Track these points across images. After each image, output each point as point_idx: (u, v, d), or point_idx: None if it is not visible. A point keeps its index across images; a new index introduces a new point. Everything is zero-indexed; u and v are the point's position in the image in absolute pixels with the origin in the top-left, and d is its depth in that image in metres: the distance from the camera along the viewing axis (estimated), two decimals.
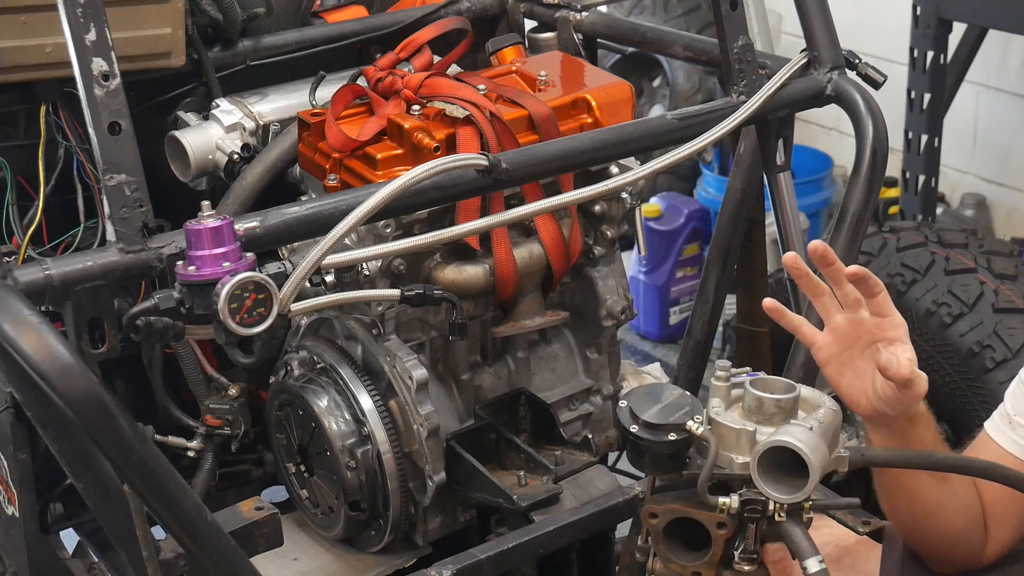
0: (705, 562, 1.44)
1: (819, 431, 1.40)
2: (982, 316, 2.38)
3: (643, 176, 1.91)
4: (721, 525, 1.42)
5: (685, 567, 1.45)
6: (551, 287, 2.20)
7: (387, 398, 2.02)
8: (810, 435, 1.38)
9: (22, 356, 1.42)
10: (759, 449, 1.38)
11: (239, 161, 2.11)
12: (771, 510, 1.40)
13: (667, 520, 1.45)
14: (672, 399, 1.47)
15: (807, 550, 1.38)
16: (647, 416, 1.44)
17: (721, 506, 1.40)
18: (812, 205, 4.39)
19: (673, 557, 1.46)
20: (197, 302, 1.54)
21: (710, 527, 1.42)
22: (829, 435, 1.42)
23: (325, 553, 2.17)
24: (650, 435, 1.43)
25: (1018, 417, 1.75)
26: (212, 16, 2.19)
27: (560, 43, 2.47)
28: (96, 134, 1.56)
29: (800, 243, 2.23)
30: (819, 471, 1.37)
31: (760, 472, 1.38)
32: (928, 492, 1.68)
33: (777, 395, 1.43)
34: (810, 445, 1.37)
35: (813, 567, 1.37)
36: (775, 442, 1.37)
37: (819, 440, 1.39)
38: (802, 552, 1.38)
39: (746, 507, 1.40)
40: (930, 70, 3.66)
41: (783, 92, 2.05)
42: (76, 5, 1.54)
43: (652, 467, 1.46)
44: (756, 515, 1.40)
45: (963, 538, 1.75)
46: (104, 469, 1.57)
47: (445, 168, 1.71)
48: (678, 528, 1.45)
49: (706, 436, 1.42)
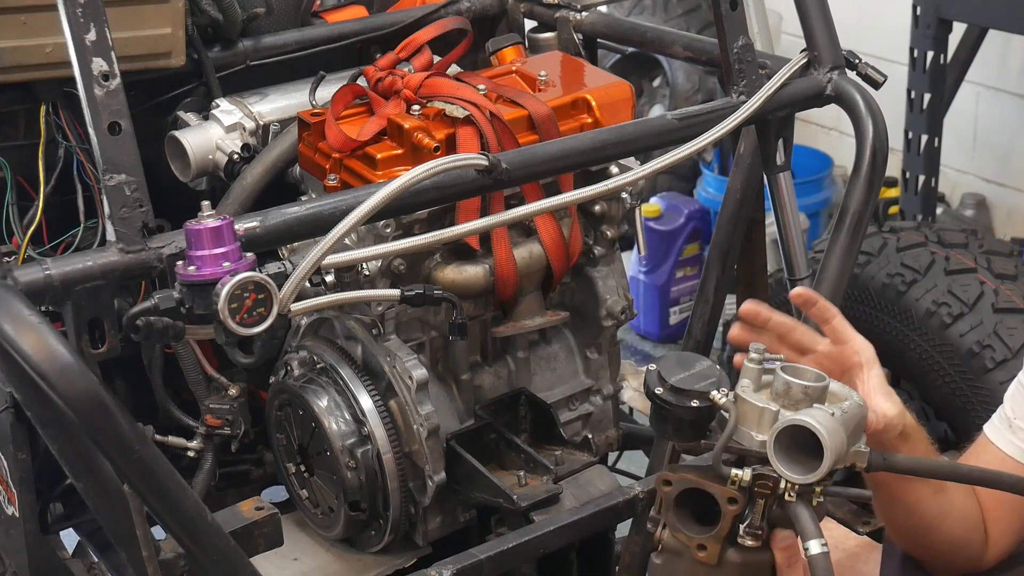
0: (712, 535, 1.45)
1: (840, 419, 1.41)
2: (982, 316, 2.38)
3: (643, 176, 1.91)
4: (732, 500, 1.43)
5: (692, 538, 1.46)
6: (551, 287, 2.20)
7: (387, 398, 2.02)
8: (830, 420, 1.39)
9: (22, 356, 1.42)
10: (778, 426, 1.39)
11: (239, 161, 2.11)
12: (782, 489, 1.40)
13: (680, 489, 1.46)
14: (701, 369, 1.49)
15: (811, 531, 1.39)
16: (673, 380, 1.46)
17: (733, 478, 1.41)
18: (812, 205, 4.39)
19: (681, 527, 1.47)
20: (197, 302, 1.54)
21: (721, 501, 1.43)
22: (851, 427, 1.43)
23: (325, 553, 2.17)
24: (674, 399, 1.45)
25: (1018, 420, 1.75)
26: (212, 16, 2.19)
27: (560, 43, 2.47)
28: (96, 134, 1.55)
29: (800, 243, 2.23)
30: (833, 455, 1.37)
31: (776, 451, 1.39)
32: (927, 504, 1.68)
33: (806, 382, 1.44)
34: (828, 428, 1.37)
35: (815, 549, 1.38)
36: (794, 420, 1.38)
37: (839, 427, 1.39)
38: (806, 533, 1.39)
39: (757, 481, 1.41)
40: (930, 70, 3.65)
41: (783, 92, 2.05)
42: (76, 5, 1.54)
43: (673, 433, 1.48)
44: (766, 491, 1.41)
45: (963, 545, 1.74)
46: (104, 469, 1.57)
47: (445, 168, 1.71)
48: (690, 500, 1.47)
49: (727, 407, 1.43)
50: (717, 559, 1.45)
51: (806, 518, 1.40)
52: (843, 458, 1.42)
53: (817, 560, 1.37)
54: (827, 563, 1.37)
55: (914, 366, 2.49)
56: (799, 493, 1.40)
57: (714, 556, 1.45)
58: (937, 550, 1.74)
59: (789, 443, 1.40)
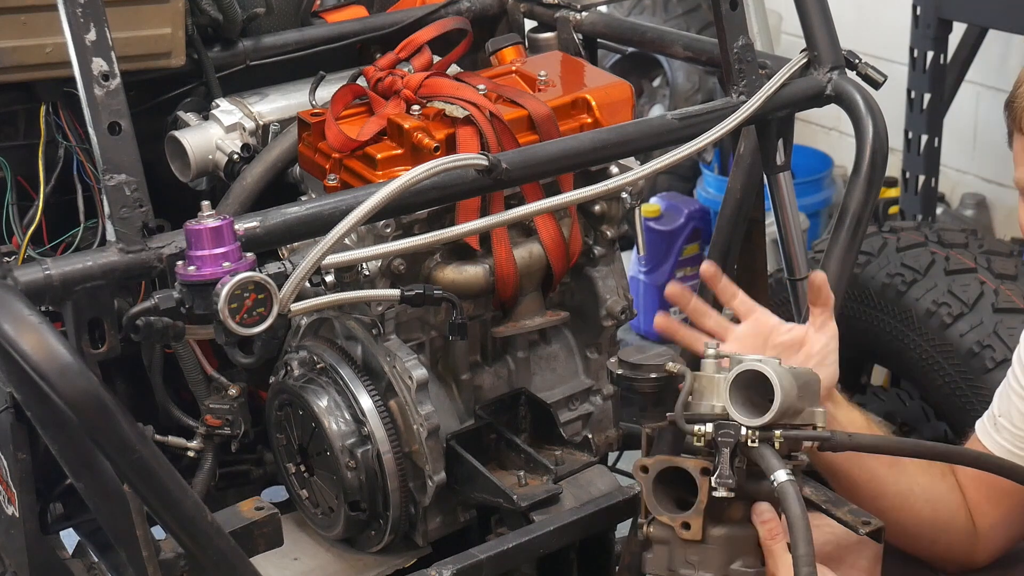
0: (693, 511, 1.52)
1: (790, 372, 1.52)
2: (982, 316, 2.38)
3: (643, 176, 1.91)
4: (705, 471, 1.51)
5: (674, 518, 1.54)
6: (551, 287, 2.20)
7: (387, 398, 2.02)
8: (780, 367, 1.51)
9: (22, 356, 1.42)
10: (732, 372, 1.51)
11: (239, 161, 2.11)
12: (744, 436, 1.49)
13: (657, 471, 1.55)
14: (657, 352, 1.67)
15: (776, 465, 1.47)
16: (631, 360, 1.65)
17: (697, 433, 1.51)
18: (812, 205, 4.39)
19: (663, 509, 1.55)
20: (197, 302, 1.54)
21: (695, 473, 1.52)
22: (801, 383, 1.53)
23: (325, 553, 2.17)
24: (633, 374, 1.64)
25: (1002, 419, 1.76)
26: (212, 16, 2.19)
27: (560, 43, 2.47)
28: (96, 134, 1.56)
29: (800, 243, 2.23)
30: (784, 396, 1.47)
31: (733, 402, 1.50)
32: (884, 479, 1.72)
33: None
34: (778, 372, 1.48)
35: (782, 477, 1.46)
36: (746, 366, 1.50)
37: (789, 376, 1.50)
38: (771, 466, 1.48)
39: (719, 431, 1.49)
40: (930, 70, 3.65)
41: (783, 92, 2.05)
42: (76, 5, 1.54)
43: (640, 412, 1.62)
44: (730, 439, 1.49)
45: (940, 529, 1.76)
46: (104, 469, 1.57)
47: (445, 168, 1.71)
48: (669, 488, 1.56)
49: (682, 371, 1.59)
50: (702, 534, 1.52)
51: (770, 454, 1.49)
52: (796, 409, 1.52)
53: (785, 487, 1.45)
54: (795, 489, 1.45)
55: (914, 366, 2.49)
56: (760, 439, 1.49)
57: (698, 532, 1.52)
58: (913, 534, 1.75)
59: (744, 398, 1.51)
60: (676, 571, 1.54)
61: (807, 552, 1.41)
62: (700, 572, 1.52)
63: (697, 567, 1.53)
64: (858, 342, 2.52)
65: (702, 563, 1.53)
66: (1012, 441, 1.76)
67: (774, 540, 1.50)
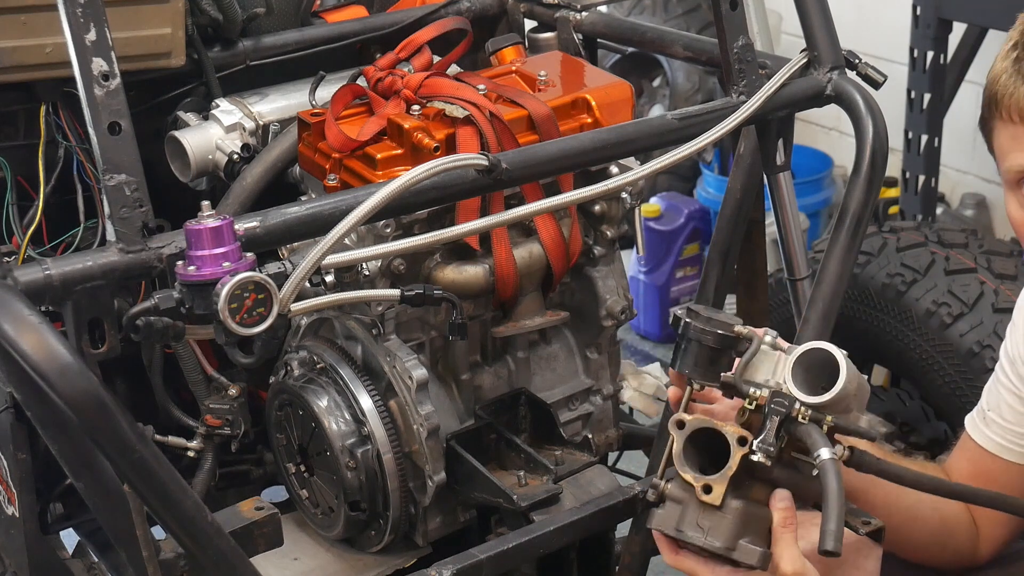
0: (720, 475, 1.50)
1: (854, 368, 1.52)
2: (982, 316, 2.38)
3: (643, 176, 1.91)
4: (742, 440, 1.49)
5: (699, 478, 1.52)
6: (551, 287, 2.20)
7: (387, 398, 2.02)
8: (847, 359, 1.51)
9: (22, 356, 1.42)
10: (799, 350, 1.52)
11: (239, 161, 2.11)
12: (796, 411, 1.49)
13: (693, 428, 1.53)
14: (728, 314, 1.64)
15: (822, 443, 1.47)
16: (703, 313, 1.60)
17: (752, 395, 1.51)
18: (812, 205, 4.39)
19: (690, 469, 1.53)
20: (197, 302, 1.54)
21: (732, 439, 1.50)
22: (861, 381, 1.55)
23: (325, 553, 2.17)
24: (701, 324, 1.59)
25: (991, 413, 1.77)
26: (212, 16, 2.19)
27: (560, 43, 2.47)
28: (96, 134, 1.55)
29: (800, 243, 2.23)
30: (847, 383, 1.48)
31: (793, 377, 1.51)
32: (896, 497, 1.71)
33: None
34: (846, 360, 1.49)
35: (826, 455, 1.46)
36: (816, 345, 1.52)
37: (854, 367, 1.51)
38: (817, 444, 1.47)
39: (773, 399, 1.50)
40: (930, 70, 3.65)
41: (783, 92, 2.05)
42: (76, 5, 1.54)
43: (694, 365, 1.59)
44: (782, 409, 1.49)
45: (947, 534, 1.76)
46: (104, 469, 1.57)
47: (445, 168, 1.71)
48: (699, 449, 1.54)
49: (751, 334, 1.57)
50: (720, 501, 1.50)
51: (817, 433, 1.48)
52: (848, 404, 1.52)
53: (827, 463, 1.45)
54: (836, 467, 1.45)
55: (914, 366, 2.49)
56: (811, 418, 1.49)
57: (718, 497, 1.50)
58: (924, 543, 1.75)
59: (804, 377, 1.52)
60: (684, 532, 1.52)
61: (837, 529, 1.41)
62: (708, 538, 1.50)
63: (707, 532, 1.51)
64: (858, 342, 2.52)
65: (712, 529, 1.51)
66: (1002, 435, 1.76)
67: (786, 528, 1.50)
